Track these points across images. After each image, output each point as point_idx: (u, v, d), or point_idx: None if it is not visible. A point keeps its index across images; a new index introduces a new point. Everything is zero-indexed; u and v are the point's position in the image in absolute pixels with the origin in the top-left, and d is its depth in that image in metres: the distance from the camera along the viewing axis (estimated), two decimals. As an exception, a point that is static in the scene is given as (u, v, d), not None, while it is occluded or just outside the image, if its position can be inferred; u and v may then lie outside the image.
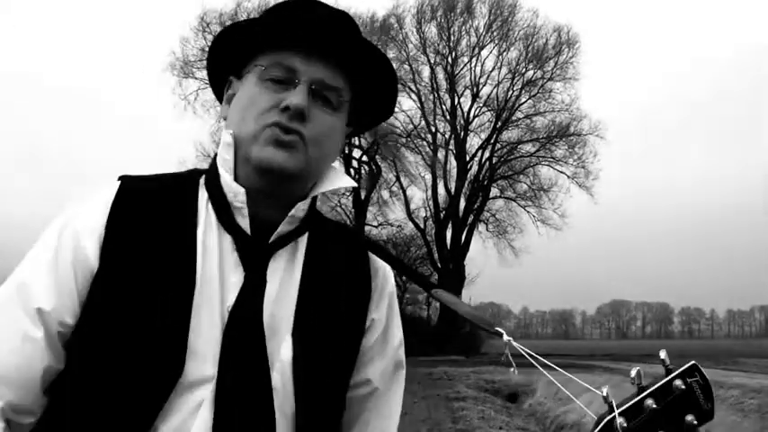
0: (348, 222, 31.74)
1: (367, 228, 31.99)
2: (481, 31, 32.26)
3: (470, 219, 32.48)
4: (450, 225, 32.30)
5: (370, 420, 1.07)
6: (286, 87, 0.97)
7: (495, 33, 32.25)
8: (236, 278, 0.95)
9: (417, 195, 42.38)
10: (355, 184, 1.05)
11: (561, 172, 31.60)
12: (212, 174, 1.00)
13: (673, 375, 0.92)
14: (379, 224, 32.82)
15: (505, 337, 1.01)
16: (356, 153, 32.50)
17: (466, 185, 32.44)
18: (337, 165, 1.07)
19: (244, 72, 1.03)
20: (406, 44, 31.97)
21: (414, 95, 32.27)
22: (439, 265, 31.83)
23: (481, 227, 33.00)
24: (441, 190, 32.48)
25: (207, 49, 1.02)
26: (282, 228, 0.98)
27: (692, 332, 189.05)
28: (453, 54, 32.48)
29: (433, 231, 32.39)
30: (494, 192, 32.87)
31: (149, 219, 0.95)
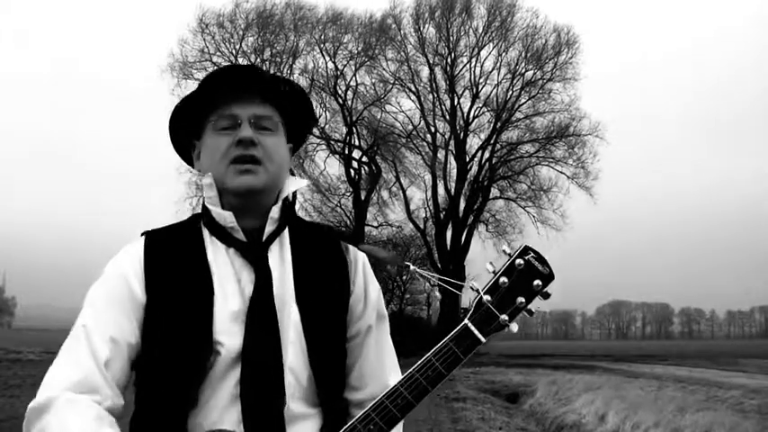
0: (348, 222, 31.74)
1: (367, 228, 32.01)
2: (480, 31, 32.29)
3: (470, 219, 32.49)
4: (450, 226, 32.30)
5: (369, 355, 1.41)
6: (234, 129, 1.32)
7: (494, 33, 32.27)
8: (247, 275, 1.29)
9: (417, 196, 42.29)
10: (307, 182, 1.75)
11: (561, 172, 31.65)
12: (205, 213, 1.36)
13: (513, 257, 1.26)
14: (379, 224, 32.88)
15: (412, 267, 1.49)
16: (356, 153, 32.56)
17: (466, 186, 32.44)
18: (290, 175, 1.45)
19: (201, 133, 1.37)
20: (405, 45, 32.02)
21: (413, 96, 32.32)
22: (439, 265, 31.81)
23: (481, 227, 32.99)
24: (441, 190, 32.56)
25: (206, 50, 1.25)
26: (268, 228, 1.33)
27: (692, 333, 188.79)
28: (452, 54, 32.51)
29: (433, 232, 32.40)
30: (494, 192, 32.89)
31: (172, 256, 1.31)
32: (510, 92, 32.21)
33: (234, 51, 29.31)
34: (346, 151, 32.18)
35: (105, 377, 1.20)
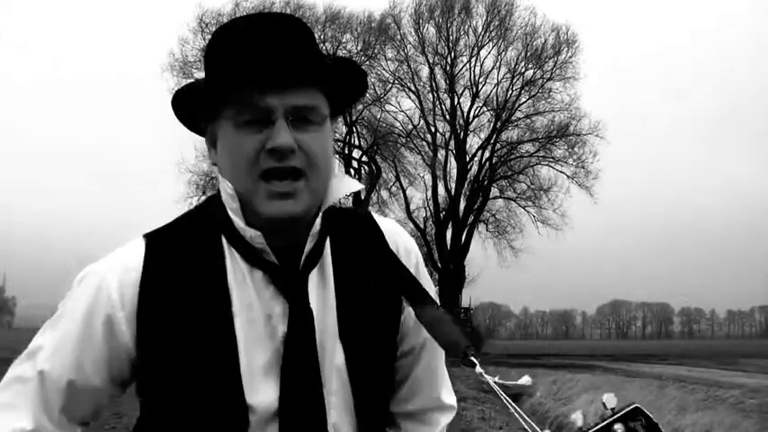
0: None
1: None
2: (480, 30, 32.28)
3: (470, 219, 32.48)
4: (450, 225, 32.29)
5: (420, 370, 1.16)
6: (264, 125, 0.94)
7: (493, 33, 32.26)
8: (279, 308, 0.99)
9: (417, 195, 42.37)
10: (362, 186, 1.07)
11: (561, 172, 31.64)
12: (224, 217, 1.01)
13: (611, 419, 0.87)
14: (379, 224, 32.75)
15: (478, 370, 1.00)
16: (356, 153, 32.54)
17: (466, 186, 32.44)
18: (339, 170, 1.08)
19: (216, 116, 0.99)
20: (404, 44, 32.00)
21: (413, 95, 32.30)
22: (439, 265, 31.82)
23: (481, 227, 33.01)
24: (441, 190, 32.54)
25: (206, 49, 1.03)
26: (308, 247, 1.00)
27: (693, 332, 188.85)
28: (452, 54, 32.51)
29: (434, 232, 32.38)
30: (494, 192, 32.89)
31: (180, 278, 0.99)
32: (510, 91, 32.23)
33: (234, 51, 29.26)
34: (346, 151, 32.17)
35: (58, 425, 1.00)
